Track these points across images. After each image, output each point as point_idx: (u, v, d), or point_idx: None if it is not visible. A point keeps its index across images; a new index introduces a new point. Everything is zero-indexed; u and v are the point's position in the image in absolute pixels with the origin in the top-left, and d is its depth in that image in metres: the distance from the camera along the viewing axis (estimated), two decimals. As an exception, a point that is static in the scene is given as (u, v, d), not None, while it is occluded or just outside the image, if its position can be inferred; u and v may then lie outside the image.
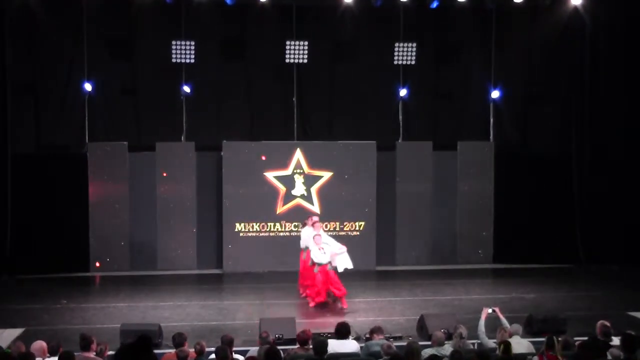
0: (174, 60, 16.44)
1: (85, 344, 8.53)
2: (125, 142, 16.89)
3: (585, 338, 8.73)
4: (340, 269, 13.58)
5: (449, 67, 17.87)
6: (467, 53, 17.84)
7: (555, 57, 17.66)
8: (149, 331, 10.67)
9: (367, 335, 9.78)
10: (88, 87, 16.65)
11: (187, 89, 16.86)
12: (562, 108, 17.89)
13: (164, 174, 16.90)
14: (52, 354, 8.42)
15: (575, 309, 13.01)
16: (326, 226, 15.06)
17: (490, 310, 9.74)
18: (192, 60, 16.46)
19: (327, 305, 13.51)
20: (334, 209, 16.96)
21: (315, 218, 14.29)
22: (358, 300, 14.05)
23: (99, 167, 16.76)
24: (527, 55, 17.78)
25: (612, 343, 8.75)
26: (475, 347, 9.53)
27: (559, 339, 8.41)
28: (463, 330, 9.13)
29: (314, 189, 17.07)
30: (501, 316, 9.76)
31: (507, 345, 7.69)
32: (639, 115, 17.59)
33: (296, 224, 16.57)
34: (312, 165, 17.11)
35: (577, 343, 8.61)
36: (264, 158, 16.92)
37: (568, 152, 17.87)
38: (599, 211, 17.67)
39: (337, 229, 16.97)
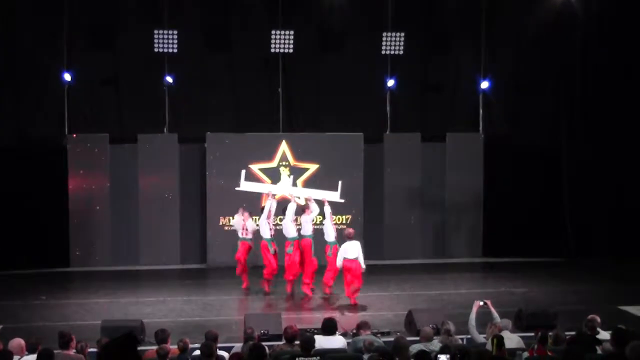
0: (156, 50, 16.37)
1: (64, 342, 8.47)
2: (106, 134, 16.82)
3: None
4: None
5: (437, 57, 17.89)
6: (456, 43, 17.85)
7: (546, 47, 17.66)
8: (130, 327, 10.62)
9: (354, 331, 9.76)
10: (68, 77, 16.52)
11: (169, 79, 16.81)
12: (553, 99, 17.93)
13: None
14: (30, 352, 8.34)
15: (566, 303, 13.05)
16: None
17: (481, 303, 9.73)
18: (175, 50, 16.40)
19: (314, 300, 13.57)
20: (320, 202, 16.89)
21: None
22: (345, 295, 14.00)
23: (79, 160, 16.68)
24: (518, 46, 17.79)
25: (599, 337, 8.78)
26: (465, 342, 9.53)
27: (550, 333, 8.42)
28: (451, 326, 9.11)
29: (300, 182, 17.01)
30: (492, 309, 9.75)
31: (499, 340, 7.67)
32: (630, 107, 17.64)
33: (282, 217, 16.50)
34: (298, 157, 17.09)
35: (567, 338, 8.63)
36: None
37: (558, 144, 17.92)
38: (589, 204, 17.75)
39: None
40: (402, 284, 15.04)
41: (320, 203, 14.20)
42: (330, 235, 14.00)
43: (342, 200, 14.32)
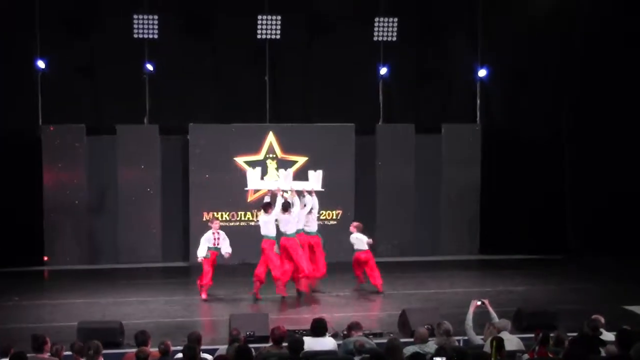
0: (135, 36, 16.33)
1: (38, 345, 8.41)
2: (82, 125, 16.75)
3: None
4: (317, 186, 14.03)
5: (432, 43, 17.89)
6: (452, 29, 17.87)
7: (547, 33, 17.66)
8: (109, 329, 10.61)
9: (345, 332, 9.74)
10: (41, 64, 16.42)
11: (150, 67, 16.77)
12: (554, 89, 17.92)
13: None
14: (2, 356, 8.27)
15: (567, 303, 13.09)
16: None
17: (479, 303, 9.73)
18: (156, 36, 16.37)
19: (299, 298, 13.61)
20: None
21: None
22: (335, 294, 14.11)
23: (54, 152, 16.61)
24: (517, 32, 17.74)
25: (603, 338, 8.78)
26: (461, 343, 9.52)
27: (551, 334, 8.42)
28: (448, 326, 9.10)
29: (286, 175, 17.01)
30: (490, 309, 9.77)
31: (498, 342, 7.65)
32: (634, 97, 17.64)
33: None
34: (285, 149, 17.08)
35: (569, 339, 8.63)
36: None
37: (560, 135, 17.94)
38: (591, 199, 17.80)
39: (313, 218, 16.93)
40: (395, 283, 15.03)
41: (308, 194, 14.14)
42: (313, 226, 14.08)
43: (322, 189, 14.24)
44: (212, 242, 13.97)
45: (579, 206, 17.97)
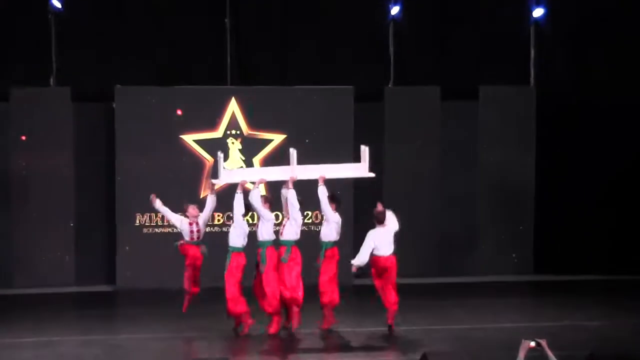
0: (36, -40, 16.50)
1: None
2: (-38, 89, 16.85)
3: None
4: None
5: (465, -29, 18.07)
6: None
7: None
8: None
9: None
10: None
11: (57, 3, 16.82)
12: (638, 34, 17.83)
13: (23, 138, 16.77)
14: None
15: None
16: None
17: (533, 344, 9.49)
18: (65, -41, 16.55)
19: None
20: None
21: None
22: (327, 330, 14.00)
23: None
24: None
25: None
26: (509, 401, 9.29)
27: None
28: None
29: (257, 161, 16.95)
30: (549, 353, 9.53)
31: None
32: None
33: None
34: (254, 123, 17.13)
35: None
36: (179, 112, 16.75)
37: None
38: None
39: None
40: (413, 314, 14.84)
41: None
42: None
43: (372, 175, 14.35)
44: (189, 235, 14.17)
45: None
